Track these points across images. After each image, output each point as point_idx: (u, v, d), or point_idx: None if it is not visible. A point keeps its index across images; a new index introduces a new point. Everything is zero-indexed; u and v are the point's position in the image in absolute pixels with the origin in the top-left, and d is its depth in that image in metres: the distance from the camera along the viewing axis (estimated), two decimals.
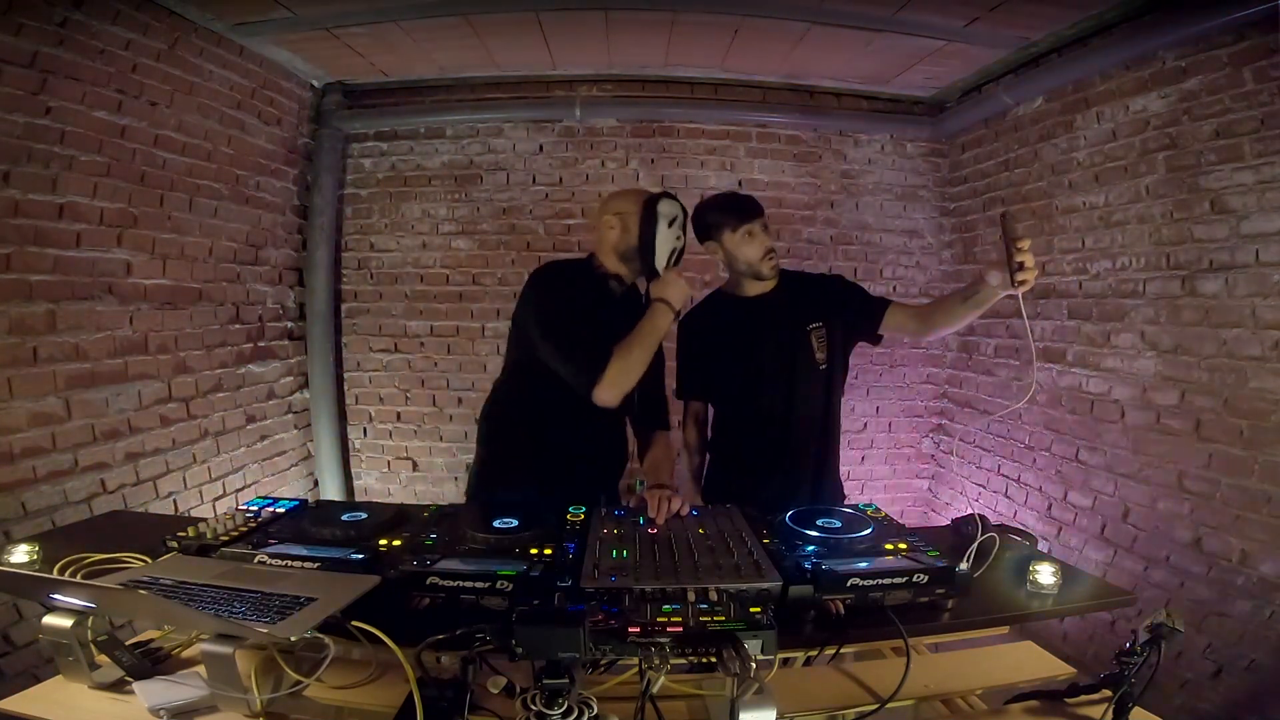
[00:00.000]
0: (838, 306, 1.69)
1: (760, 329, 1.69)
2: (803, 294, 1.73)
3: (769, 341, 1.67)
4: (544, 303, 1.54)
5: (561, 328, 1.49)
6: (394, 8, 2.34)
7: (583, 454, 1.62)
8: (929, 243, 3.34)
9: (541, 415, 1.61)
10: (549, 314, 1.52)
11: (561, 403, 1.55)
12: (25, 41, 1.80)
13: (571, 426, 1.58)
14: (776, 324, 1.67)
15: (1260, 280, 1.88)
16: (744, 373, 1.68)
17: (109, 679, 0.93)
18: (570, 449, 1.60)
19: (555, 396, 1.56)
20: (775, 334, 1.67)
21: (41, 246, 1.89)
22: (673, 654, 0.84)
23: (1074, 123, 2.49)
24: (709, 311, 1.79)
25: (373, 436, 3.33)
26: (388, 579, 1.04)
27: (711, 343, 1.74)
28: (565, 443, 1.59)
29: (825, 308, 1.68)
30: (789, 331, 1.66)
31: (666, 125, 3.13)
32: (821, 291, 1.74)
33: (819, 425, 1.70)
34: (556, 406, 1.57)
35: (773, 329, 1.67)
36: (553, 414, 1.58)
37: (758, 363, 1.67)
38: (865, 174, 3.25)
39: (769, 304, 1.71)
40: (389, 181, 3.18)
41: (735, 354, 1.70)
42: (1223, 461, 1.97)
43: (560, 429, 1.58)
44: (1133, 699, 0.89)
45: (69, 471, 1.98)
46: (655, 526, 1.27)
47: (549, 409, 1.59)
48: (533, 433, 1.62)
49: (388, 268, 3.22)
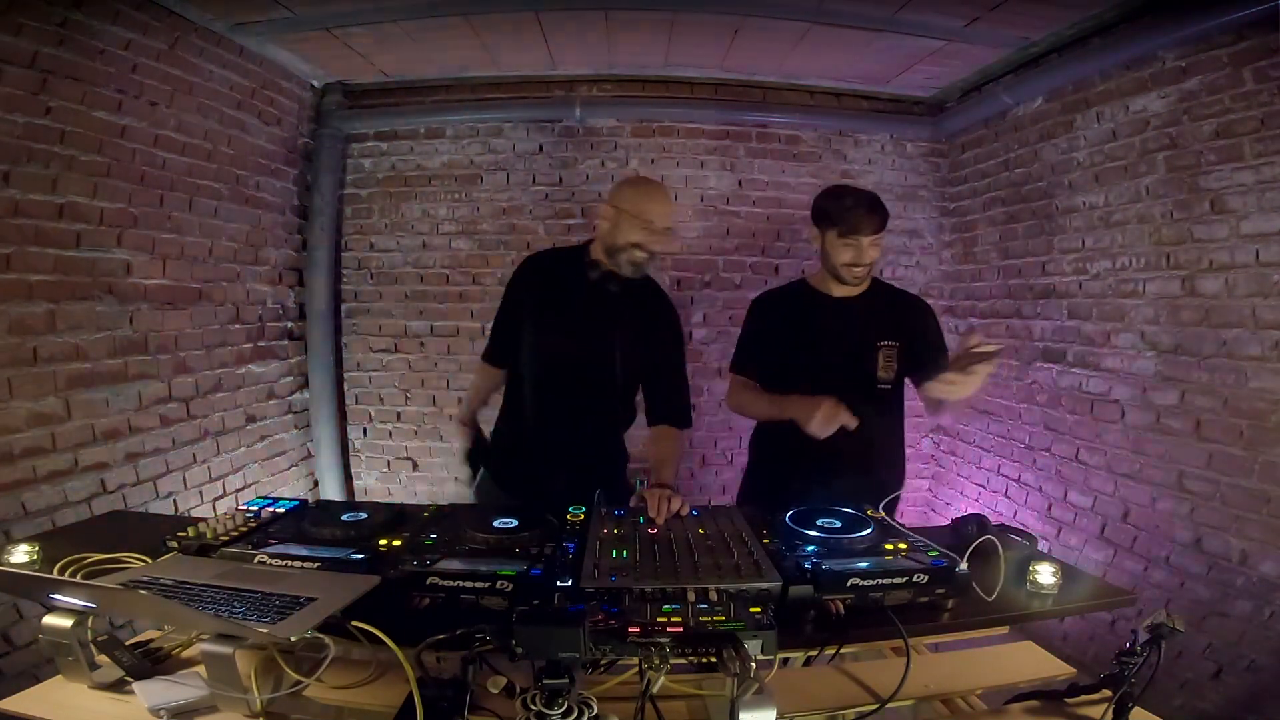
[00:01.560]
0: (917, 333, 1.64)
1: (831, 332, 1.64)
2: (886, 308, 1.68)
3: (837, 347, 1.61)
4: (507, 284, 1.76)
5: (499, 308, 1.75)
6: (394, 8, 2.34)
7: (563, 451, 1.64)
8: (929, 243, 3.34)
9: (519, 410, 1.71)
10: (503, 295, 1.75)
11: (534, 399, 1.66)
12: (25, 41, 1.80)
13: (545, 422, 1.65)
14: (849, 331, 1.62)
15: (1260, 280, 1.88)
16: (803, 372, 1.61)
17: (109, 679, 0.93)
18: (548, 445, 1.65)
19: (526, 392, 1.68)
20: (845, 341, 1.61)
21: (41, 246, 1.89)
22: (673, 654, 0.84)
23: (1074, 123, 2.49)
24: (787, 299, 1.74)
25: (373, 436, 3.33)
26: (388, 579, 1.04)
27: (779, 331, 1.69)
28: (543, 437, 1.66)
29: (904, 329, 1.62)
30: (860, 342, 1.60)
31: (666, 125, 3.13)
32: (906, 312, 1.70)
33: (872, 446, 1.62)
34: (529, 402, 1.68)
35: (844, 336, 1.62)
36: (527, 409, 1.68)
37: (819, 366, 1.60)
38: (865, 174, 3.25)
39: (848, 309, 1.66)
40: (389, 181, 3.18)
41: (799, 350, 1.65)
42: (1223, 461, 1.97)
43: (536, 424, 1.67)
44: (1133, 699, 0.89)
45: (69, 471, 1.98)
46: (655, 526, 1.27)
47: (523, 404, 1.70)
48: (513, 428, 1.74)
49: (388, 268, 3.22)
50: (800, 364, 1.62)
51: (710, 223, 3.19)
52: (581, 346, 1.62)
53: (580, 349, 1.62)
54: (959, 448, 3.25)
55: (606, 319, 1.60)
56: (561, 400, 1.64)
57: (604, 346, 1.61)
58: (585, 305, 1.61)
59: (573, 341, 1.63)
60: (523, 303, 1.71)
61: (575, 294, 1.62)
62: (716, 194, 3.18)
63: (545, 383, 1.66)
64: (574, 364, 1.63)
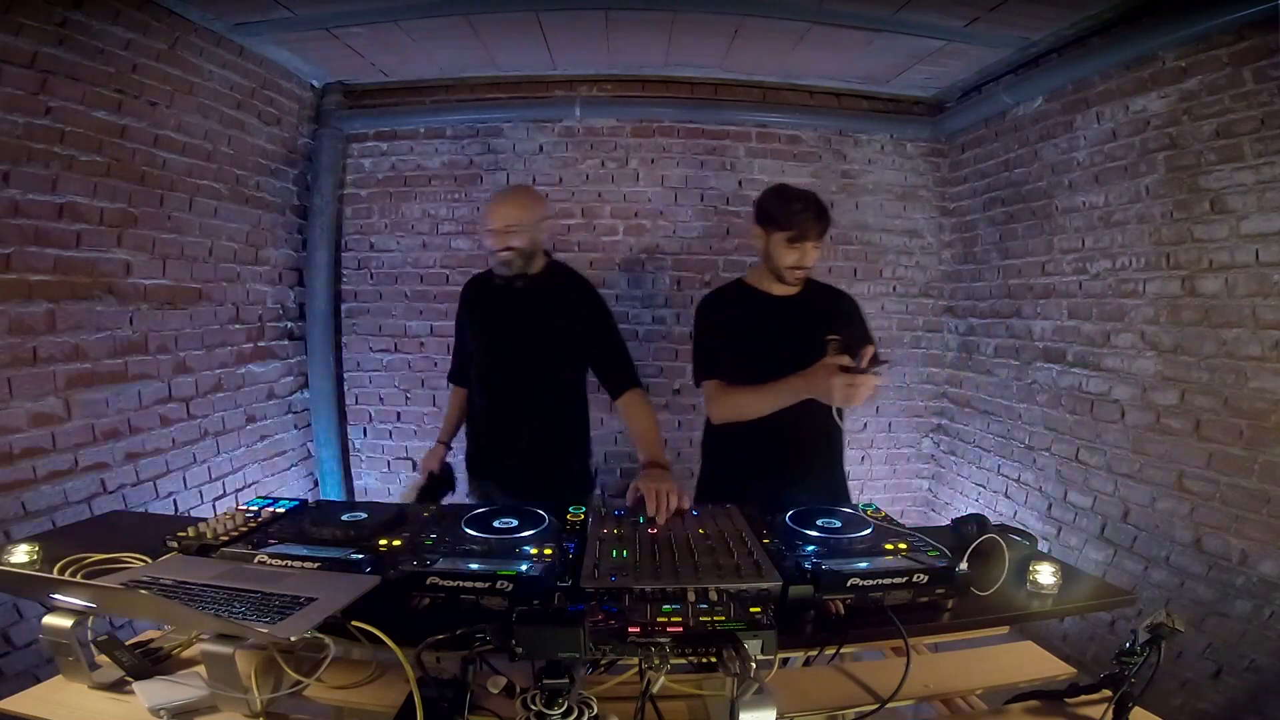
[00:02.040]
0: (852, 327, 1.68)
1: (783, 329, 1.68)
2: (823, 303, 1.74)
3: (791, 344, 1.62)
4: None
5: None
6: (394, 8, 2.34)
7: (522, 448, 1.78)
8: (929, 243, 3.34)
9: (476, 421, 1.90)
10: None
11: (485, 407, 1.84)
12: (25, 41, 1.80)
13: (499, 427, 1.81)
14: (799, 328, 1.65)
15: (1260, 280, 1.88)
16: (762, 370, 1.62)
17: (109, 679, 0.93)
18: (493, 443, 1.82)
19: (479, 404, 1.87)
20: (797, 337, 1.63)
21: (41, 246, 1.89)
22: (673, 654, 0.84)
23: (1074, 123, 2.49)
24: (734, 299, 1.77)
25: (373, 436, 3.33)
26: (388, 579, 1.04)
27: (735, 331, 1.72)
28: (488, 437, 1.84)
29: (842, 323, 1.65)
30: (809, 338, 1.60)
31: (666, 125, 3.13)
32: (840, 306, 1.77)
33: (826, 436, 1.68)
34: (483, 412, 1.86)
35: (795, 332, 1.65)
36: (482, 419, 1.86)
37: (774, 364, 1.60)
38: (865, 174, 3.25)
39: (793, 306, 1.71)
40: (389, 181, 3.18)
41: (752, 351, 1.68)
42: (1223, 461, 1.97)
43: (491, 431, 1.84)
44: (1133, 699, 0.89)
45: (69, 471, 1.98)
46: (655, 526, 1.27)
47: (479, 415, 1.88)
48: (475, 439, 1.90)
49: (388, 268, 3.22)
50: (757, 362, 1.64)
51: (710, 223, 3.19)
52: (510, 349, 1.77)
53: (509, 351, 1.77)
54: (959, 448, 3.25)
55: (523, 317, 1.75)
56: (507, 402, 1.79)
57: (530, 342, 1.75)
58: (503, 311, 1.78)
59: (502, 346, 1.78)
60: (463, 323, 1.91)
61: (494, 303, 1.80)
62: (716, 194, 3.18)
63: (490, 390, 1.82)
64: (507, 366, 1.77)
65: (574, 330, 1.75)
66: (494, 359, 1.80)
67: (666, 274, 3.19)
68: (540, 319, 1.75)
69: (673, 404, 3.25)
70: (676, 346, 3.21)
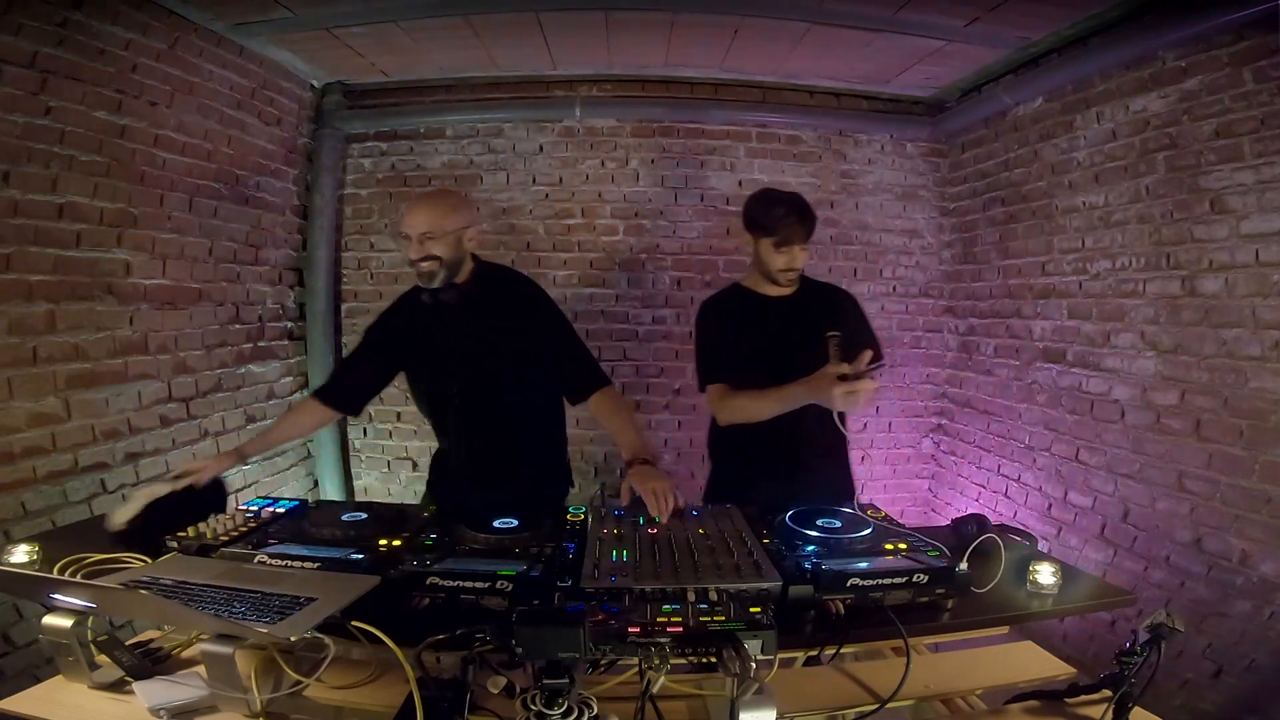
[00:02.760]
0: (850, 324, 1.67)
1: (783, 330, 1.68)
2: (820, 302, 1.73)
3: (792, 344, 1.63)
4: None
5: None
6: (394, 8, 2.34)
7: (495, 468, 1.67)
8: (929, 243, 3.34)
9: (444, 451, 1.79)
10: None
11: (448, 434, 1.72)
12: (25, 41, 1.80)
13: (465, 450, 1.69)
14: (798, 327, 1.66)
15: (1260, 280, 1.88)
16: (762, 373, 1.62)
17: (109, 679, 0.93)
18: (479, 470, 1.68)
19: (440, 431, 1.75)
20: (797, 337, 1.64)
21: (41, 246, 1.89)
22: (673, 654, 0.84)
23: (1074, 123, 2.49)
24: (733, 302, 1.78)
25: (373, 436, 3.33)
26: (388, 579, 1.04)
27: (737, 334, 1.72)
28: (471, 466, 1.69)
29: (840, 320, 1.64)
30: (809, 337, 1.60)
31: (666, 125, 3.13)
32: (839, 304, 1.76)
33: (832, 436, 1.64)
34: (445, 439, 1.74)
35: (793, 332, 1.66)
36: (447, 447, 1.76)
37: (776, 364, 1.60)
38: (865, 174, 3.25)
39: (790, 306, 1.71)
40: (389, 181, 3.18)
41: (754, 353, 1.68)
42: (1223, 461, 1.97)
43: (459, 457, 1.71)
44: (1133, 699, 0.89)
45: (69, 471, 1.97)
46: (655, 526, 1.27)
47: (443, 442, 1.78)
48: (444, 466, 1.79)
49: (388, 268, 3.22)
50: (759, 363, 1.64)
51: (710, 223, 3.19)
52: (444, 364, 1.61)
53: (444, 367, 1.61)
54: (959, 448, 3.25)
55: (462, 331, 1.59)
56: (470, 423, 1.64)
57: (478, 358, 1.59)
58: (439, 328, 1.60)
59: (435, 362, 1.62)
60: (380, 343, 1.70)
61: (426, 322, 1.61)
62: (716, 194, 3.18)
63: (444, 421, 1.70)
64: (458, 385, 1.61)
65: (523, 335, 1.62)
66: (440, 385, 1.63)
67: (666, 274, 3.19)
68: (482, 329, 1.59)
69: (673, 404, 3.25)
70: (676, 347, 3.21)
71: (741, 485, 1.72)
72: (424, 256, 1.50)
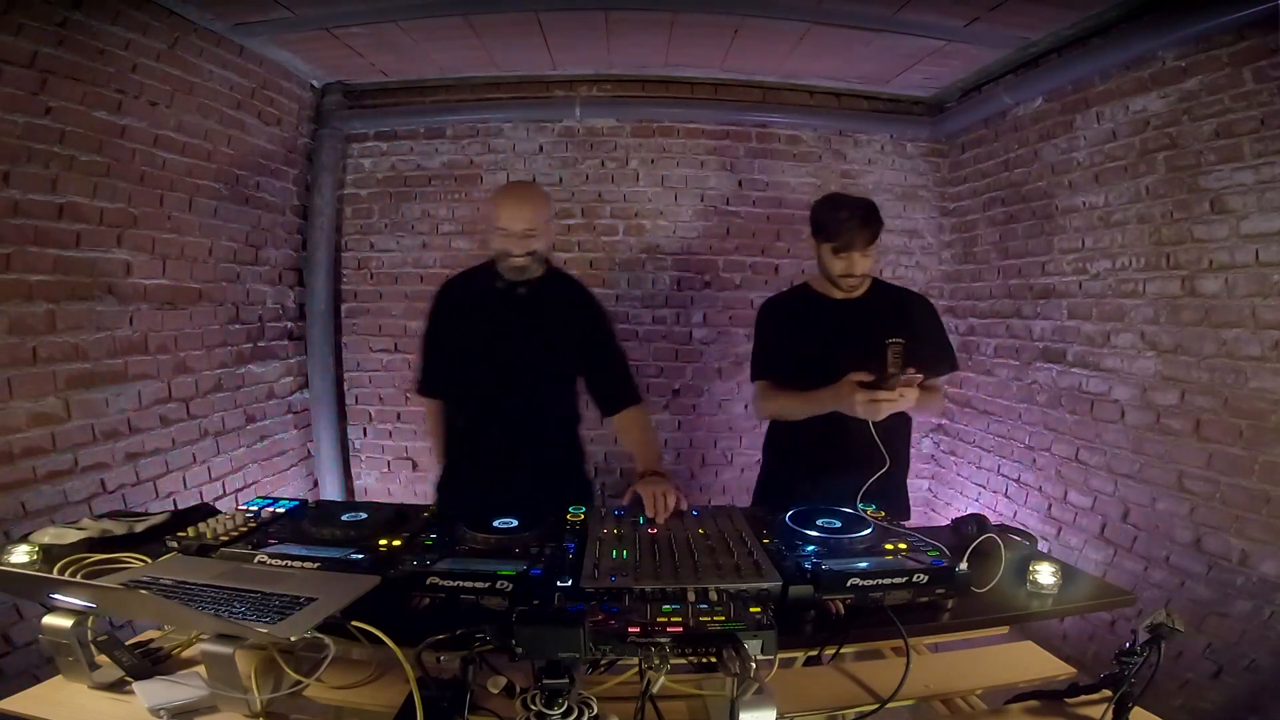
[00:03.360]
0: (919, 330, 1.66)
1: (841, 332, 1.67)
2: (889, 307, 1.71)
3: (848, 346, 1.61)
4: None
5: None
6: (394, 8, 2.34)
7: (518, 463, 1.66)
8: (929, 243, 3.34)
9: (466, 438, 1.75)
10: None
11: (478, 422, 1.69)
12: (25, 41, 1.80)
13: (493, 441, 1.67)
14: (857, 330, 1.64)
15: (1260, 280, 1.88)
16: (818, 373, 1.60)
17: (109, 679, 0.93)
18: (502, 462, 1.67)
19: (470, 418, 1.72)
20: (855, 340, 1.61)
21: (41, 246, 1.89)
22: (673, 654, 0.84)
23: (1074, 123, 2.49)
24: (794, 304, 1.78)
25: (373, 436, 3.33)
26: (388, 579, 1.04)
27: (792, 334, 1.73)
28: (477, 457, 1.71)
29: (908, 326, 1.62)
30: (869, 341, 1.57)
31: (666, 125, 3.13)
32: (909, 309, 1.74)
33: (886, 441, 1.58)
34: (474, 427, 1.71)
35: (853, 335, 1.64)
36: (473, 434, 1.72)
37: (833, 366, 1.58)
38: (865, 174, 3.24)
39: (853, 309, 1.70)
40: (389, 181, 3.18)
41: (811, 353, 1.67)
42: (1223, 461, 1.97)
43: (467, 443, 1.71)
44: (1133, 699, 0.89)
45: (69, 471, 1.97)
46: (655, 526, 1.27)
47: (469, 430, 1.74)
48: (464, 454, 1.77)
49: (388, 268, 3.22)
50: (815, 365, 1.64)
51: (710, 223, 3.19)
52: (504, 357, 1.64)
53: (505, 360, 1.64)
54: (959, 448, 3.25)
55: (521, 324, 1.64)
56: (502, 416, 1.66)
57: (526, 351, 1.63)
58: (498, 317, 1.65)
59: (496, 354, 1.64)
60: (444, 329, 1.75)
61: (487, 308, 1.66)
62: (716, 194, 3.18)
63: (484, 406, 1.68)
64: (501, 376, 1.64)
65: (576, 339, 1.67)
66: (491, 370, 1.65)
67: (666, 274, 3.19)
68: (542, 326, 1.64)
69: (673, 404, 3.25)
70: (676, 347, 3.21)
71: (789, 487, 1.72)
72: (526, 252, 1.56)
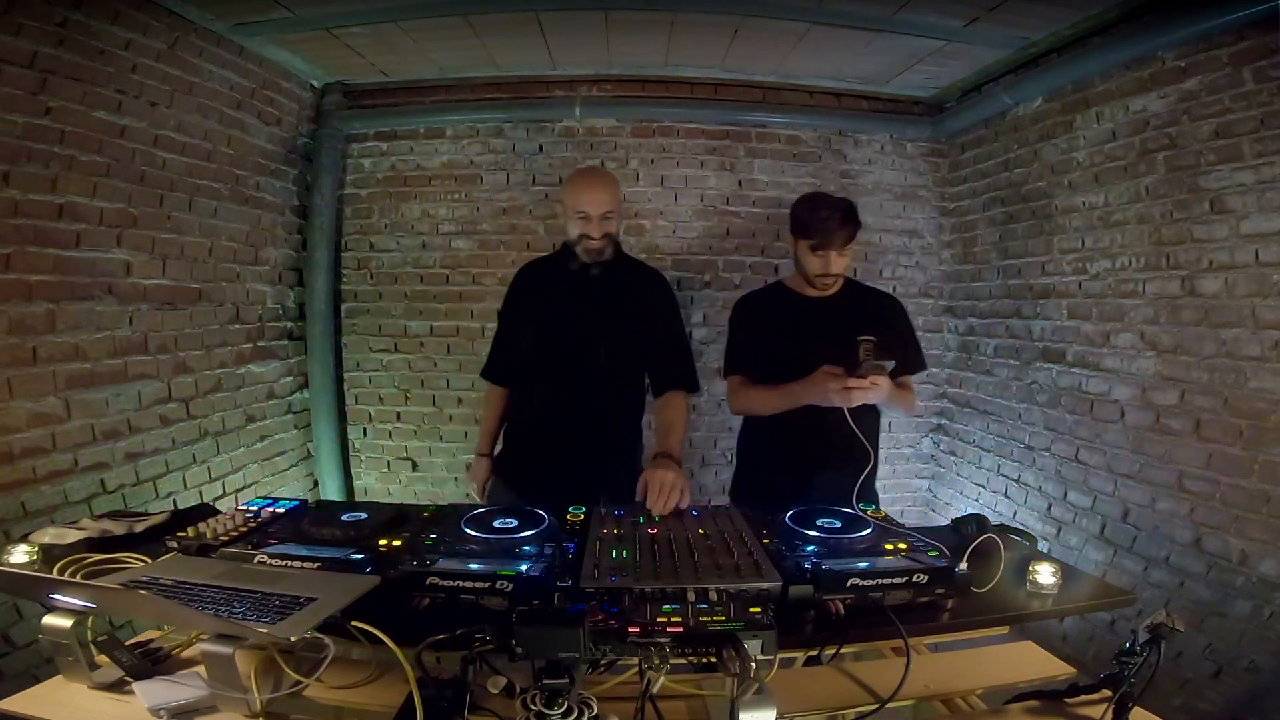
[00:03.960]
0: (889, 328, 1.68)
1: (814, 329, 1.69)
2: (861, 306, 1.74)
3: (821, 343, 1.63)
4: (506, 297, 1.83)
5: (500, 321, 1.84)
6: (394, 8, 2.34)
7: (582, 448, 1.68)
8: (929, 243, 3.33)
9: (531, 419, 1.77)
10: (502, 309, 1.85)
11: (546, 404, 1.71)
12: (25, 41, 1.80)
13: (560, 424, 1.69)
14: (830, 328, 1.66)
15: (1260, 280, 1.88)
16: (791, 369, 1.63)
17: (109, 679, 0.93)
18: (566, 445, 1.69)
19: (538, 400, 1.73)
20: (828, 337, 1.64)
21: (41, 246, 1.89)
22: (673, 654, 0.84)
23: (1074, 123, 2.49)
24: (767, 301, 1.81)
25: (373, 436, 3.33)
26: (388, 579, 1.04)
27: (765, 330, 1.74)
28: (547, 439, 1.72)
29: (879, 324, 1.65)
30: (841, 338, 1.60)
31: (666, 125, 3.13)
32: (880, 308, 1.77)
33: (849, 438, 1.60)
34: (542, 408, 1.73)
35: (826, 332, 1.66)
36: (540, 416, 1.74)
37: (806, 362, 1.61)
38: (865, 174, 3.24)
39: (825, 308, 1.72)
40: (389, 181, 3.18)
41: (786, 348, 1.69)
42: (1223, 461, 1.97)
43: (550, 428, 1.71)
44: (1133, 699, 0.89)
45: (69, 471, 1.97)
46: (655, 526, 1.27)
47: (535, 412, 1.75)
48: (526, 435, 1.79)
49: (388, 268, 3.22)
50: (788, 361, 1.66)
51: (710, 223, 3.19)
52: (579, 339, 1.66)
53: (578, 342, 1.66)
54: (959, 448, 3.25)
55: (594, 306, 1.66)
56: (573, 398, 1.68)
57: (600, 333, 1.66)
58: (572, 300, 1.68)
59: (569, 337, 1.67)
60: (520, 313, 1.78)
61: (561, 292, 1.70)
62: (716, 194, 3.18)
63: (555, 385, 1.70)
64: (575, 358, 1.67)
65: (647, 321, 1.71)
66: (565, 351, 1.67)
67: (666, 274, 3.16)
68: (617, 308, 1.67)
69: None
70: None
71: (764, 482, 1.75)
72: (605, 233, 1.60)
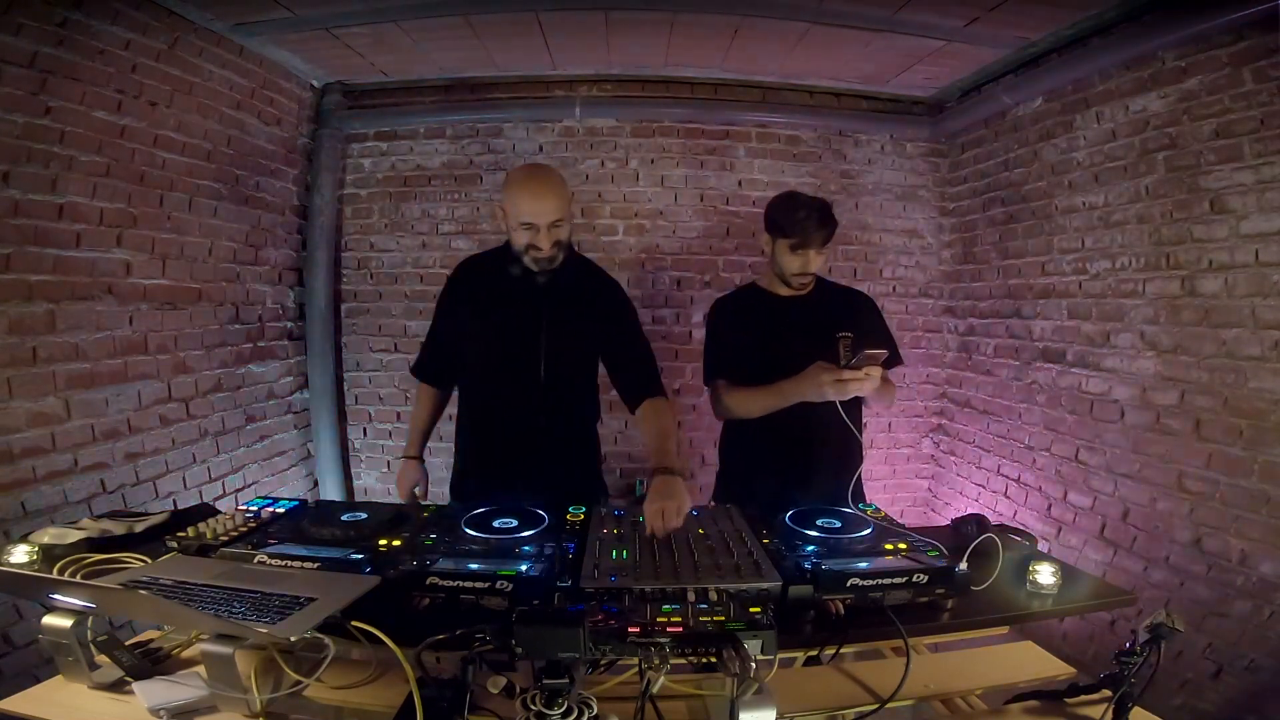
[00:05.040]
0: (864, 325, 1.68)
1: (792, 329, 1.69)
2: (834, 302, 1.75)
3: (800, 342, 1.62)
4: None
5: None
6: (394, 8, 2.34)
7: (535, 459, 1.60)
8: (928, 243, 3.33)
9: (480, 428, 1.69)
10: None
11: (493, 412, 1.64)
12: (25, 41, 1.79)
13: (510, 434, 1.62)
14: (808, 326, 1.66)
15: (1260, 280, 1.88)
16: (772, 369, 1.61)
17: (109, 679, 0.93)
18: (518, 457, 1.62)
19: (483, 408, 1.67)
20: (807, 335, 1.63)
21: (41, 246, 1.89)
22: (673, 654, 0.84)
23: (1074, 123, 2.49)
24: (742, 303, 1.80)
25: (373, 436, 3.33)
26: (388, 579, 1.04)
27: (744, 332, 1.73)
28: (493, 451, 1.66)
29: (854, 321, 1.65)
30: (820, 336, 1.60)
31: (666, 125, 3.13)
32: (854, 305, 1.77)
33: (838, 437, 1.61)
34: (488, 418, 1.66)
35: (805, 331, 1.66)
36: (488, 425, 1.67)
37: (785, 364, 1.59)
38: (865, 174, 3.25)
39: (800, 307, 1.72)
40: (389, 181, 3.18)
41: (766, 349, 1.69)
42: (1222, 461, 1.97)
43: (501, 439, 1.64)
44: (1133, 699, 0.89)
45: (69, 471, 1.97)
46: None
47: (483, 421, 1.68)
48: (476, 447, 1.71)
49: (388, 268, 3.21)
50: (771, 361, 1.65)
51: (710, 223, 3.19)
52: (524, 349, 1.56)
53: (524, 351, 1.56)
54: (959, 448, 3.25)
55: (542, 314, 1.56)
56: (522, 406, 1.59)
57: (549, 342, 1.56)
58: (515, 304, 1.57)
59: (514, 346, 1.57)
60: (456, 314, 1.66)
61: (504, 294, 1.58)
62: (716, 194, 3.18)
63: (499, 393, 1.62)
64: (522, 369, 1.57)
65: (599, 329, 1.61)
66: (509, 362, 1.58)
67: (666, 274, 3.19)
68: (564, 317, 1.57)
69: (672, 404, 3.24)
70: (676, 347, 3.20)
71: (747, 483, 1.74)
72: (555, 242, 1.47)
